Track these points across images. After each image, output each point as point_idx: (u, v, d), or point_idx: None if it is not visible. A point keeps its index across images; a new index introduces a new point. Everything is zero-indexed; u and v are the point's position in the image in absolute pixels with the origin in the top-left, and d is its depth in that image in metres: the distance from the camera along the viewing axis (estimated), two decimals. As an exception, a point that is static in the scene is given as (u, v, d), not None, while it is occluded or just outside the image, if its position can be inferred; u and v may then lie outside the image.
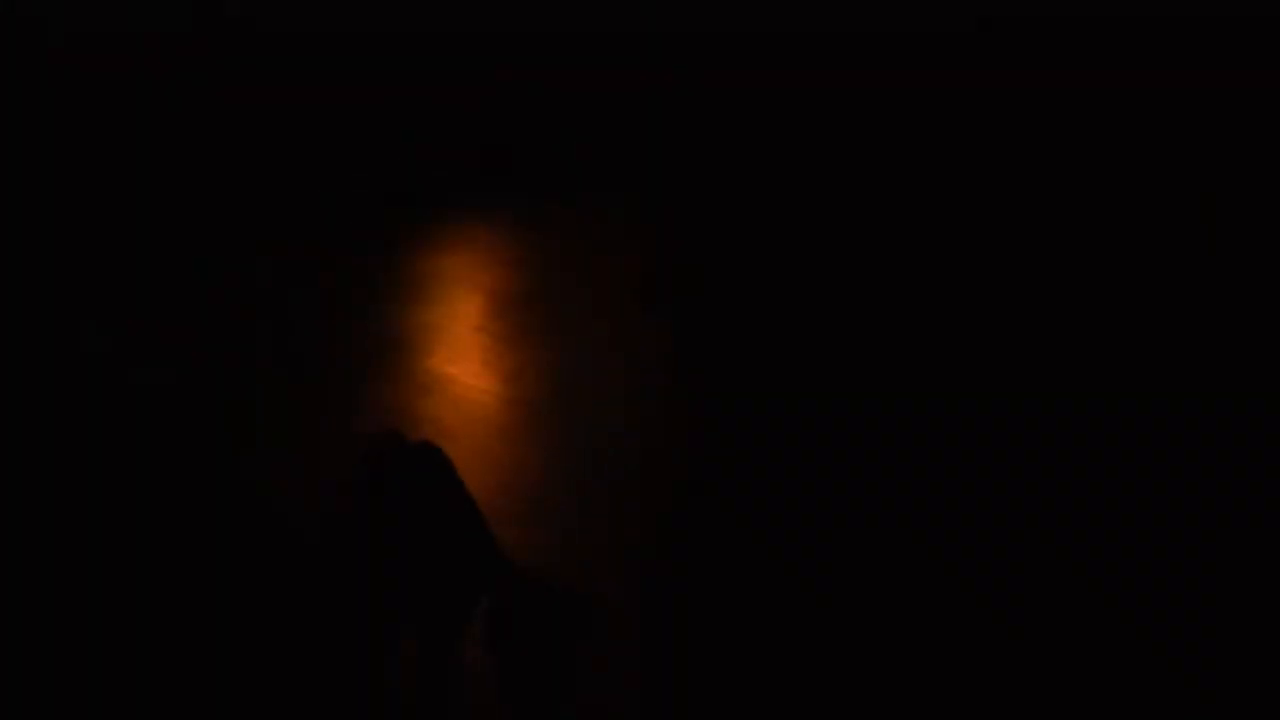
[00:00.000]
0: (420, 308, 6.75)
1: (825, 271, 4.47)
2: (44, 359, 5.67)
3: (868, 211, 7.23)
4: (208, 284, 6.97)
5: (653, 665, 3.79)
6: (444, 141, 8.67)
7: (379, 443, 3.70)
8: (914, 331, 5.30)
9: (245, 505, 3.91)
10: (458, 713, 3.77)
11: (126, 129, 8.54)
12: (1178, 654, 3.98)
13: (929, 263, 6.40)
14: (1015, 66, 9.16)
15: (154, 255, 7.25)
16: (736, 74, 8.95)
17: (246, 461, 4.79)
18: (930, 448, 4.99)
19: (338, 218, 7.89)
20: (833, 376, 5.59)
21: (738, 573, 4.40)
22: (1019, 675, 3.92)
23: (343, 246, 7.52)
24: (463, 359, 6.16)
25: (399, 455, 3.68)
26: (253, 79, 8.80)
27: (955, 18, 9.32)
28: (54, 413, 5.15)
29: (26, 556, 4.01)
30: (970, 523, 4.58)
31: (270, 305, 6.77)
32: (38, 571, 3.95)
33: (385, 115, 8.79)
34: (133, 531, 4.09)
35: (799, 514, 4.75)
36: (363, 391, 5.80)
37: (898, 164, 8.04)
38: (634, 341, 5.93)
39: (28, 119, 8.30)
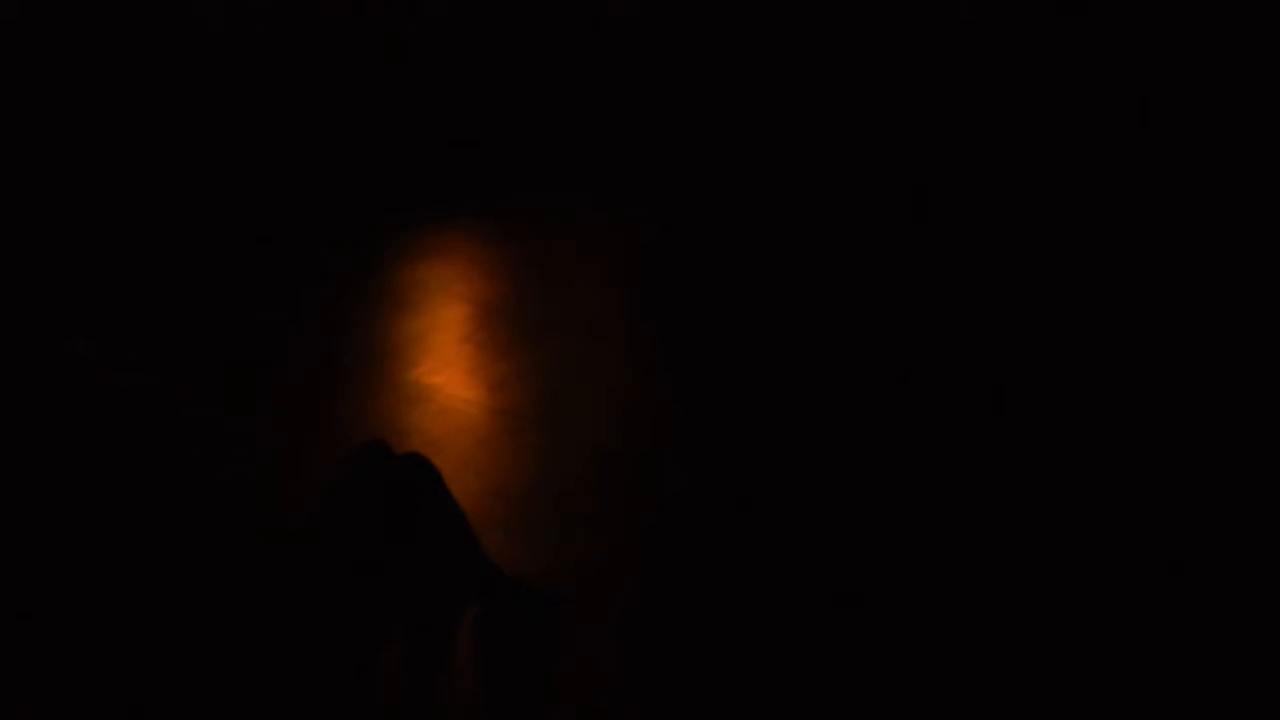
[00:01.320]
0: (404, 318, 6.72)
1: (819, 278, 4.44)
2: (27, 361, 5.62)
3: (863, 215, 7.21)
4: (191, 292, 6.93)
5: (638, 673, 3.77)
6: (429, 147, 8.64)
7: (367, 452, 3.68)
8: (909, 338, 5.27)
9: (228, 514, 3.87)
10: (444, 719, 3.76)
11: (106, 134, 8.50)
12: (1172, 654, 3.96)
13: (923, 267, 6.37)
14: (1013, 69, 9.16)
15: (135, 261, 7.20)
16: (729, 75, 8.92)
17: (229, 470, 4.75)
18: (925, 455, 4.97)
19: (320, 225, 7.86)
20: (824, 386, 5.57)
21: (725, 580, 4.38)
22: (1011, 676, 3.90)
23: (326, 255, 7.48)
24: (447, 369, 6.13)
25: (387, 465, 3.67)
26: (229, 85, 8.74)
27: (951, 19, 9.32)
28: (36, 415, 5.10)
29: (7, 558, 3.98)
30: (965, 528, 4.56)
31: (253, 314, 6.73)
32: (19, 573, 3.92)
33: (369, 121, 8.75)
34: (115, 536, 4.04)
35: (787, 523, 4.73)
36: (348, 403, 5.76)
37: (892, 165, 8.03)
38: (622, 349, 5.91)
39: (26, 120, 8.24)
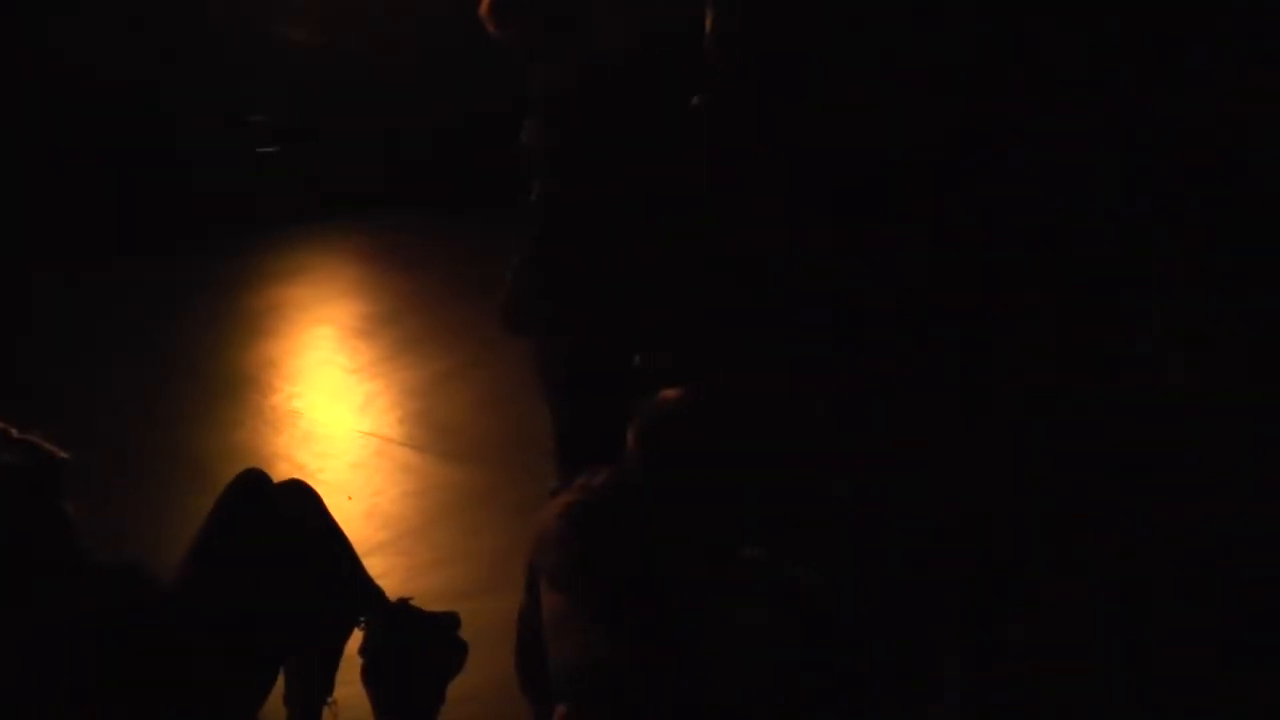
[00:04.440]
0: (260, 342, 6.61)
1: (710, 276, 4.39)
2: None
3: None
4: (25, 320, 6.69)
5: (527, 689, 3.74)
6: (282, 164, 8.43)
7: (245, 483, 3.63)
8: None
9: (93, 562, 3.73)
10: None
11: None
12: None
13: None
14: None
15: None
16: None
17: (89, 513, 4.58)
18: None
19: (161, 242, 7.62)
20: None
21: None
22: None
23: (171, 276, 7.29)
24: (311, 393, 6.04)
25: (267, 494, 3.62)
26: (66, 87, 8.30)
27: None
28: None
29: None
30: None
31: (97, 342, 6.54)
32: None
33: (224, 136, 8.47)
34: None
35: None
36: (208, 433, 5.65)
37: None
38: (492, 365, 5.87)
39: None
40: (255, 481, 3.64)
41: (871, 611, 3.59)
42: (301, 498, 3.68)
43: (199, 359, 6.39)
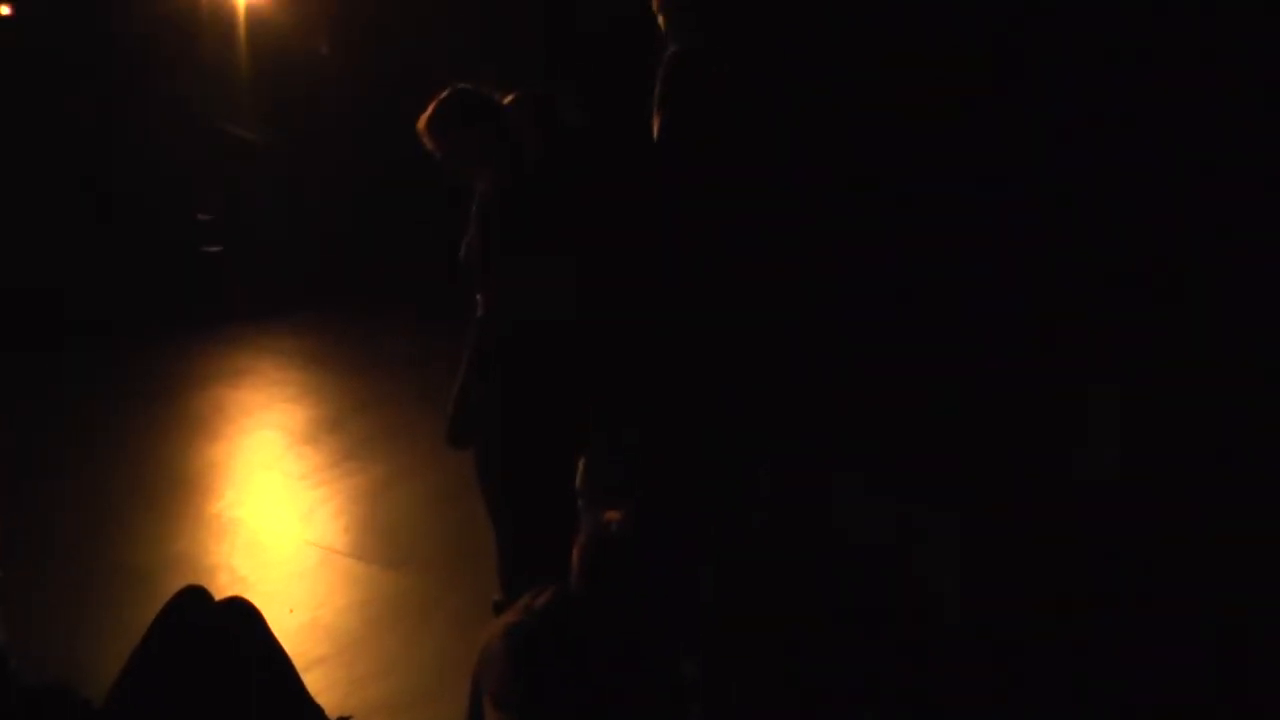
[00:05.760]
0: (204, 446, 6.54)
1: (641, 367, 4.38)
2: None
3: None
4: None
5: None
6: (227, 268, 8.43)
7: (183, 601, 3.56)
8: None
9: (22, 686, 3.64)
10: None
11: None
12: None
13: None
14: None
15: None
16: None
17: (18, 632, 4.49)
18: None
19: (111, 348, 7.58)
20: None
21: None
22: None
23: (117, 382, 7.22)
24: (254, 500, 5.97)
25: (206, 614, 3.56)
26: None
27: None
28: None
29: None
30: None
31: (38, 446, 6.45)
32: None
33: (165, 238, 8.47)
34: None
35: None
36: (146, 541, 5.55)
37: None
38: (437, 469, 5.83)
39: None
40: (194, 600, 3.57)
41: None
42: (242, 617, 3.61)
43: (140, 462, 6.31)
